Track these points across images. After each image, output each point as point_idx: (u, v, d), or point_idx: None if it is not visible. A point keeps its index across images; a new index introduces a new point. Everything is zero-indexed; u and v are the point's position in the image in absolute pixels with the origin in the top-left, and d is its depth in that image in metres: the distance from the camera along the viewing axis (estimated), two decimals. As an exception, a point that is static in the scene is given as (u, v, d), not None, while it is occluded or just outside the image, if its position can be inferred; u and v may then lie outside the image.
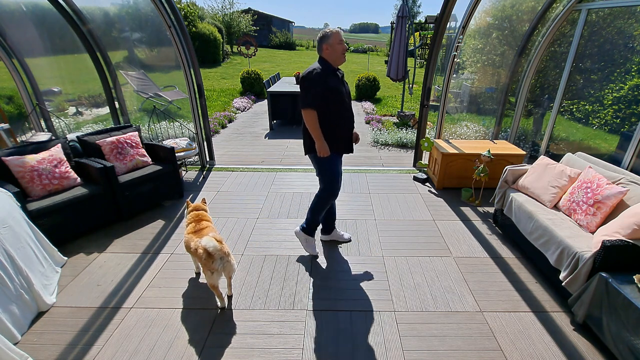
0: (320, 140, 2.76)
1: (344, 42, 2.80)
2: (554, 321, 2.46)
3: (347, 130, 2.94)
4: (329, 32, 2.73)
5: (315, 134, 2.75)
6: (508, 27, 5.45)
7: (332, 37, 2.71)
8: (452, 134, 5.91)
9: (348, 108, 2.92)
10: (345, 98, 2.87)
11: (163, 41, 5.40)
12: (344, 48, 2.80)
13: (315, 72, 2.69)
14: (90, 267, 2.96)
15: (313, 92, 2.68)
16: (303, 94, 2.72)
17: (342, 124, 2.88)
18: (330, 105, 2.76)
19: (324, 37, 2.74)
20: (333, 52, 2.75)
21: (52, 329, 2.35)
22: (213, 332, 2.34)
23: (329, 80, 2.73)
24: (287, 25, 41.35)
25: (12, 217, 2.51)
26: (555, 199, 3.07)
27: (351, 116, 2.96)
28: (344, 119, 2.89)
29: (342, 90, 2.82)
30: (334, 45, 2.73)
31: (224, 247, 2.38)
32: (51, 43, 5.29)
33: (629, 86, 3.78)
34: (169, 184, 4.05)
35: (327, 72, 2.74)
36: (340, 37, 2.75)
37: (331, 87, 2.73)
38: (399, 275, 2.91)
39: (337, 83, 2.79)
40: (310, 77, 2.69)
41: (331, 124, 2.81)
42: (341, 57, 2.79)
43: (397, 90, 12.33)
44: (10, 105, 5.25)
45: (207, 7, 32.91)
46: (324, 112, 2.75)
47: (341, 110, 2.84)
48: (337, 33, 2.74)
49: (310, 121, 2.71)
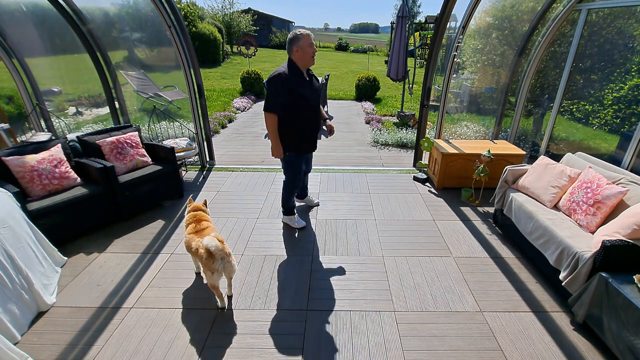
0: (275, 142, 2.92)
1: (314, 45, 2.80)
2: (554, 321, 2.46)
3: (312, 132, 3.06)
4: (300, 34, 2.71)
5: (272, 136, 2.90)
6: (508, 27, 5.45)
7: (303, 39, 2.70)
8: (452, 134, 5.91)
9: (314, 110, 2.98)
10: (311, 101, 2.90)
11: (163, 41, 5.41)
12: (314, 51, 2.80)
13: (282, 76, 2.70)
14: (90, 267, 2.96)
15: (276, 96, 2.74)
16: (267, 96, 2.79)
17: (306, 126, 2.98)
18: (295, 109, 2.82)
19: (294, 39, 2.72)
20: (303, 54, 2.75)
21: (52, 329, 2.35)
22: (213, 332, 2.34)
23: (295, 85, 2.75)
24: (287, 25, 41.35)
25: (12, 217, 2.51)
26: (555, 199, 3.07)
27: (317, 117, 3.05)
28: (309, 121, 2.98)
29: (307, 94, 2.85)
30: (304, 47, 2.72)
31: (225, 247, 2.39)
32: (51, 43, 5.28)
33: (629, 86, 3.78)
34: (169, 184, 4.05)
35: (294, 76, 2.75)
36: (311, 40, 2.75)
37: (296, 93, 2.77)
38: (399, 275, 2.91)
39: (304, 87, 2.81)
40: (275, 81, 2.71)
41: (296, 126, 2.90)
42: (311, 60, 2.80)
43: (397, 90, 12.33)
44: (10, 105, 5.25)
45: (207, 7, 32.95)
46: (288, 116, 2.83)
47: (306, 113, 2.92)
48: (308, 35, 2.73)
49: (270, 124, 2.84)
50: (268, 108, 2.79)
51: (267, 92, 2.79)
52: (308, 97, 2.85)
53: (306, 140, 3.07)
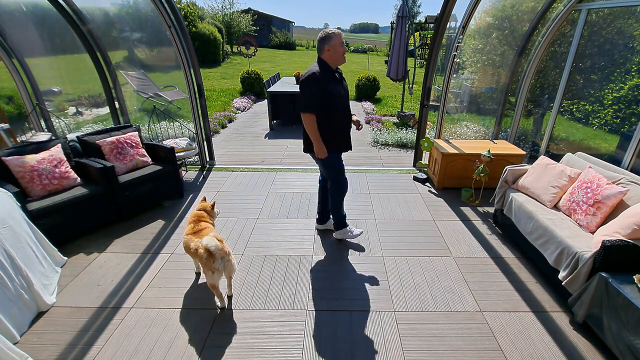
0: (318, 142, 2.84)
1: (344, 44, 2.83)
2: (554, 321, 2.46)
3: (345, 130, 3.02)
4: (332, 33, 2.72)
5: (313, 137, 2.83)
6: (508, 27, 5.45)
7: (335, 38, 2.72)
8: (452, 134, 5.91)
9: (346, 108, 2.97)
10: (344, 99, 2.90)
11: (163, 41, 5.41)
12: (345, 50, 2.82)
13: (315, 75, 2.70)
14: (90, 267, 2.96)
15: (312, 96, 2.72)
16: (302, 97, 2.76)
17: (339, 125, 2.94)
18: (329, 108, 2.80)
19: (326, 38, 2.73)
20: (334, 53, 2.75)
21: (52, 329, 2.35)
22: (213, 332, 2.34)
23: (328, 83, 2.75)
24: (287, 25, 41.35)
25: (12, 217, 2.51)
26: (555, 199, 3.07)
27: (349, 115, 3.03)
28: (342, 120, 2.95)
29: (340, 92, 2.85)
30: (336, 47, 2.73)
31: (224, 246, 2.39)
32: (51, 43, 5.28)
33: (629, 86, 3.77)
34: (169, 184, 4.05)
35: (326, 74, 2.76)
36: (342, 39, 2.76)
37: (330, 91, 2.76)
38: (399, 275, 2.91)
39: (336, 85, 2.81)
40: (309, 81, 2.71)
41: (330, 125, 2.86)
42: (342, 58, 2.82)
43: (397, 90, 12.33)
44: (10, 105, 5.25)
45: (207, 7, 32.96)
46: (323, 115, 2.79)
47: (339, 111, 2.89)
48: (340, 35, 2.75)
49: (309, 125, 2.78)
50: (305, 108, 2.74)
51: (302, 93, 2.76)
52: (341, 95, 2.85)
53: (342, 137, 3.00)
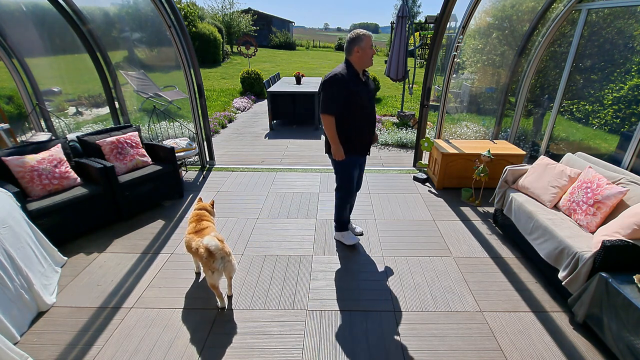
0: (336, 144, 2.77)
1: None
2: (554, 321, 2.46)
3: (367, 134, 2.94)
4: (362, 34, 2.64)
5: (331, 139, 2.76)
6: (508, 27, 5.45)
7: (366, 40, 2.64)
8: (452, 134, 5.91)
9: (370, 112, 2.88)
10: (368, 102, 2.82)
11: (163, 41, 5.41)
12: (374, 52, 2.75)
13: (338, 77, 2.62)
14: (90, 267, 2.96)
15: (334, 98, 2.65)
16: (324, 98, 2.69)
17: (362, 128, 2.87)
18: (351, 110, 2.73)
19: (356, 39, 2.65)
20: (363, 55, 2.68)
21: (52, 329, 2.35)
22: (213, 332, 2.34)
23: (352, 85, 2.67)
24: (287, 25, 41.34)
25: (12, 217, 2.51)
26: (555, 199, 3.07)
27: (373, 119, 2.94)
28: (365, 123, 2.87)
29: (363, 95, 2.77)
30: (366, 49, 2.66)
31: (225, 246, 2.39)
32: (51, 43, 5.28)
33: (629, 86, 3.78)
34: (169, 184, 4.05)
35: (351, 76, 2.68)
36: (372, 42, 2.69)
37: (353, 93, 2.68)
38: (399, 275, 2.91)
39: (360, 88, 2.74)
40: (332, 82, 2.63)
41: (352, 128, 2.80)
42: (369, 61, 2.74)
43: (397, 90, 12.33)
44: (10, 105, 5.25)
45: (207, 7, 32.97)
46: (345, 117, 2.73)
47: (362, 114, 2.81)
48: (370, 37, 2.68)
49: (328, 126, 2.72)
50: (326, 110, 2.68)
51: (323, 93, 2.69)
52: (363, 98, 2.77)
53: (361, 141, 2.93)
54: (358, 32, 2.67)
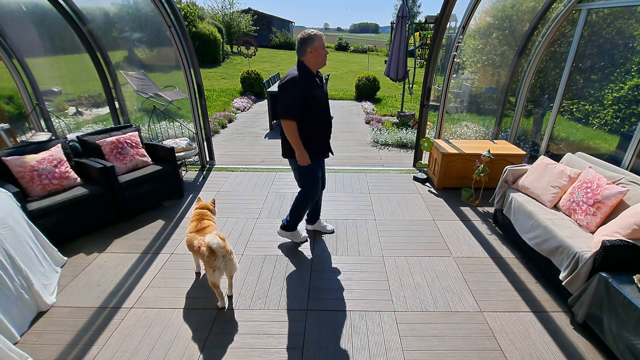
0: (300, 149, 2.71)
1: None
2: (554, 321, 2.46)
3: (326, 136, 2.94)
4: (314, 34, 2.58)
5: (295, 144, 2.69)
6: (508, 27, 5.45)
7: (318, 40, 2.58)
8: (452, 134, 5.91)
9: (328, 113, 2.88)
10: (324, 104, 2.80)
11: (163, 41, 5.41)
12: (326, 52, 2.70)
13: (295, 80, 2.56)
14: (90, 267, 2.96)
15: (292, 102, 2.58)
16: (282, 103, 2.63)
17: (321, 130, 2.84)
18: (311, 113, 2.68)
19: (308, 39, 2.58)
20: (317, 56, 2.63)
21: (52, 329, 2.35)
22: (213, 332, 2.34)
23: (310, 88, 2.63)
24: (287, 25, 41.34)
25: (12, 217, 2.51)
26: (555, 199, 3.07)
27: (330, 120, 2.94)
28: (324, 126, 2.85)
29: (321, 97, 2.74)
30: (319, 49, 2.60)
31: (226, 245, 2.39)
32: (51, 43, 5.28)
33: (629, 86, 3.78)
34: (169, 184, 4.05)
35: (308, 79, 2.63)
36: (324, 42, 2.64)
37: (312, 96, 2.63)
38: (399, 275, 2.91)
39: (317, 90, 2.69)
40: (289, 85, 2.57)
41: (312, 131, 2.75)
42: (323, 61, 2.69)
43: (397, 90, 12.33)
44: (10, 105, 5.25)
45: (207, 7, 32.92)
46: (304, 121, 2.67)
47: (321, 117, 2.79)
48: (322, 36, 2.62)
49: (290, 131, 2.64)
50: (285, 114, 2.60)
51: (281, 98, 2.63)
52: (321, 100, 2.73)
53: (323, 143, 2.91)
54: (309, 32, 2.60)
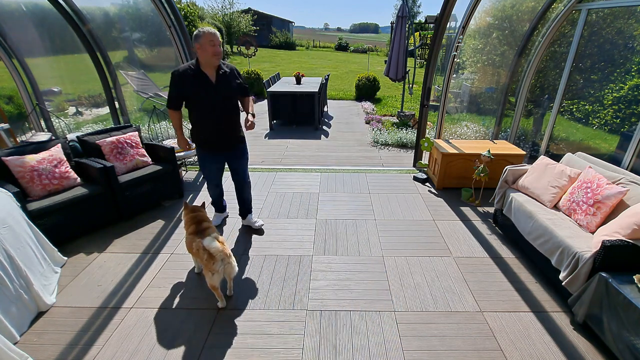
0: (178, 135, 3.11)
1: (218, 45, 2.76)
2: (554, 321, 2.46)
3: (209, 132, 3.02)
4: (202, 32, 2.71)
5: (177, 132, 3.09)
6: (508, 27, 5.45)
7: (204, 37, 2.69)
8: (452, 134, 5.91)
9: (212, 110, 2.91)
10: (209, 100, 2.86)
11: (163, 41, 5.40)
12: (216, 50, 2.75)
13: (174, 73, 2.81)
14: (90, 267, 2.96)
15: (170, 93, 2.87)
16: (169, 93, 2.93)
17: (202, 125, 2.99)
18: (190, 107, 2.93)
19: (196, 36, 2.75)
20: (203, 52, 2.75)
21: (52, 329, 2.35)
22: (213, 332, 2.34)
23: (187, 83, 2.79)
24: (287, 25, 41.37)
25: (12, 217, 2.51)
26: (555, 199, 3.07)
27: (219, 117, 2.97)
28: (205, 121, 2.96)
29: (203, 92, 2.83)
30: (205, 46, 2.71)
31: (225, 248, 2.38)
32: (51, 43, 5.28)
33: (629, 86, 3.78)
34: (169, 184, 4.05)
35: (190, 73, 2.79)
36: (212, 38, 2.70)
37: (186, 92, 2.82)
38: (399, 275, 2.91)
39: (199, 85, 2.80)
40: (170, 77, 2.83)
41: (193, 123, 3.01)
42: (212, 58, 2.77)
43: (397, 90, 12.33)
44: (10, 105, 5.25)
45: (207, 7, 32.92)
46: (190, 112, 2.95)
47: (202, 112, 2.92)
48: (209, 34, 2.69)
49: (171, 118, 3.04)
50: (167, 104, 2.96)
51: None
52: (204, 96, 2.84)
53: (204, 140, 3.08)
54: (199, 29, 2.76)
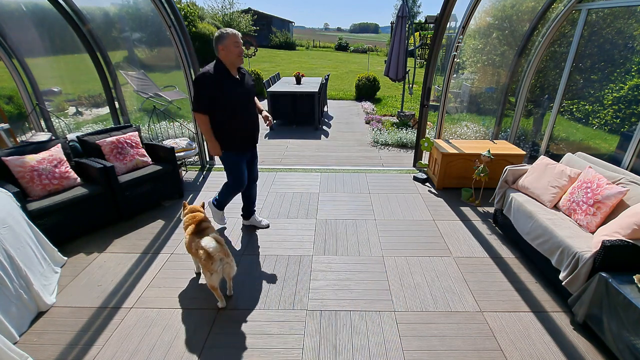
0: (211, 141, 2.93)
1: (241, 45, 2.79)
2: (554, 321, 2.46)
3: (244, 130, 3.02)
4: (225, 33, 2.71)
5: (206, 136, 2.91)
6: (508, 27, 5.45)
7: (228, 38, 2.70)
8: (452, 134, 5.91)
9: (245, 108, 2.95)
10: (240, 99, 2.89)
11: (163, 41, 5.40)
12: (240, 51, 2.79)
13: (204, 75, 2.71)
14: (90, 267, 2.96)
15: (202, 96, 2.74)
16: (194, 96, 2.80)
17: (237, 125, 2.95)
18: (223, 108, 2.82)
19: (219, 37, 2.72)
20: (228, 53, 2.75)
21: (52, 329, 2.35)
22: (213, 332, 2.34)
23: (220, 83, 2.75)
24: (287, 25, 41.37)
25: (12, 217, 2.51)
26: (555, 199, 3.07)
27: (250, 114, 3.02)
28: (240, 120, 2.94)
29: (236, 92, 2.85)
30: (229, 46, 2.72)
31: (224, 248, 2.38)
32: (51, 43, 5.29)
33: (629, 86, 3.78)
34: (169, 184, 4.05)
35: (220, 74, 2.76)
36: (236, 39, 2.73)
37: (223, 92, 2.77)
38: (399, 275, 2.91)
39: (231, 85, 2.81)
40: (200, 80, 2.72)
41: (226, 125, 2.90)
42: (237, 58, 2.79)
43: (397, 90, 12.33)
44: (10, 105, 5.25)
45: (207, 7, 32.92)
46: (218, 114, 2.83)
47: (235, 112, 2.89)
48: (233, 35, 2.72)
49: (201, 124, 2.86)
50: (196, 108, 2.79)
51: (194, 92, 2.79)
52: (236, 95, 2.85)
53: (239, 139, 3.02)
54: (222, 30, 2.74)
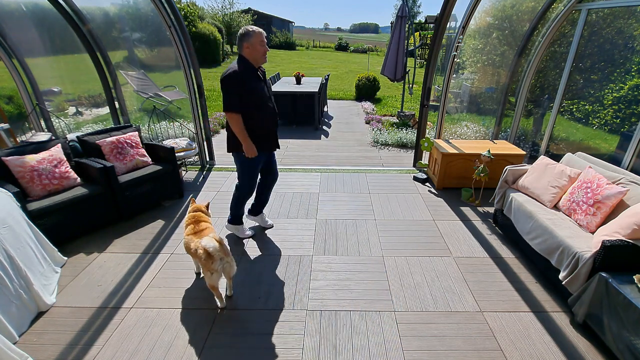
0: (247, 141, 2.81)
1: (266, 44, 2.79)
2: (554, 321, 2.46)
3: (269, 130, 3.00)
4: (251, 30, 2.70)
5: (241, 136, 2.80)
6: (508, 27, 5.45)
7: (254, 36, 2.69)
8: (452, 134, 5.91)
9: (270, 106, 2.95)
10: (266, 97, 2.89)
11: (163, 41, 5.40)
12: (266, 50, 2.78)
13: (234, 73, 2.68)
14: (90, 267, 2.96)
15: (233, 95, 2.69)
16: (224, 96, 2.74)
17: (263, 124, 2.92)
18: (251, 106, 2.78)
19: (245, 35, 2.70)
20: (253, 51, 2.73)
21: (52, 329, 2.35)
22: (213, 332, 2.34)
23: (248, 81, 2.73)
24: (287, 25, 41.39)
25: (12, 217, 2.51)
26: (555, 199, 3.07)
27: (274, 113, 3.00)
28: (266, 119, 2.92)
29: (263, 90, 2.83)
30: (255, 45, 2.71)
31: (223, 247, 2.38)
32: (51, 43, 5.28)
33: (629, 86, 3.78)
34: (169, 184, 4.05)
35: (247, 72, 2.73)
36: (262, 38, 2.73)
37: (250, 88, 2.74)
38: (399, 275, 2.91)
39: (257, 83, 2.79)
40: (228, 79, 2.68)
41: (253, 124, 2.84)
42: (262, 57, 2.79)
43: (397, 90, 12.33)
44: (10, 105, 5.24)
45: (207, 7, 32.91)
46: (246, 113, 2.77)
47: (262, 110, 2.87)
48: (259, 33, 2.72)
49: (235, 124, 2.76)
50: (229, 107, 2.71)
51: (223, 92, 2.74)
52: (264, 94, 2.84)
53: (266, 137, 2.98)
54: (247, 28, 2.72)
